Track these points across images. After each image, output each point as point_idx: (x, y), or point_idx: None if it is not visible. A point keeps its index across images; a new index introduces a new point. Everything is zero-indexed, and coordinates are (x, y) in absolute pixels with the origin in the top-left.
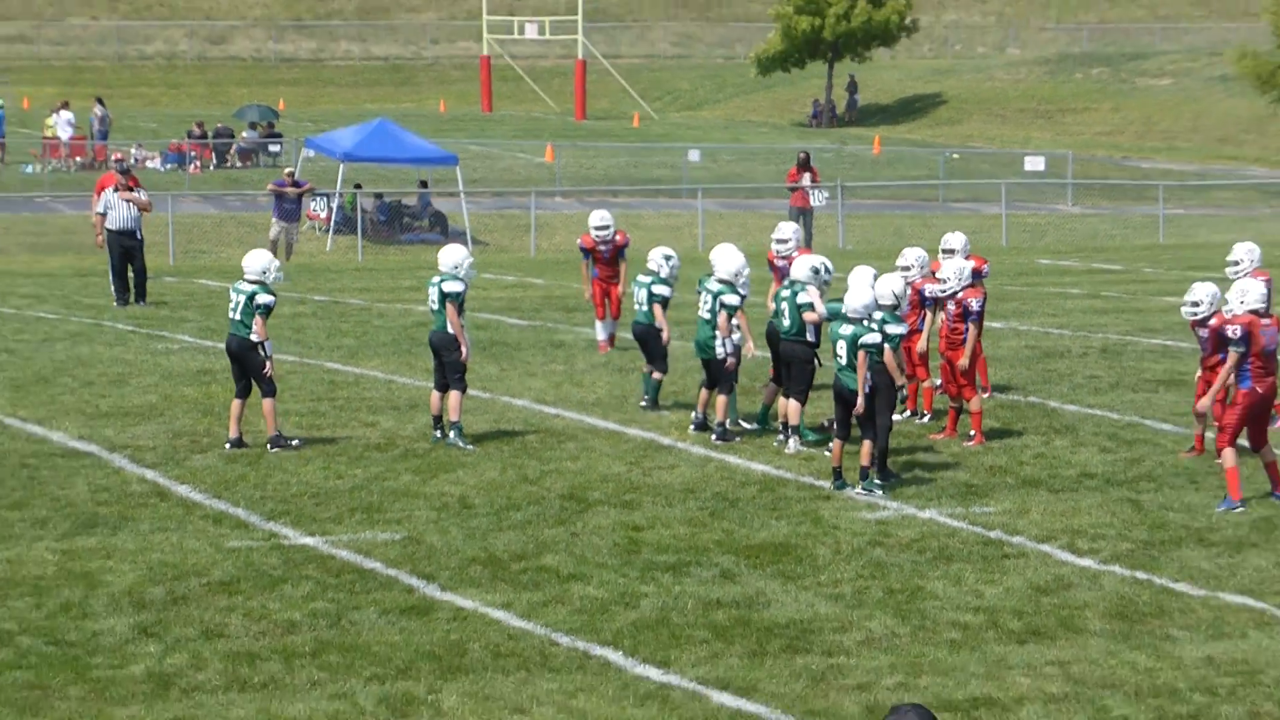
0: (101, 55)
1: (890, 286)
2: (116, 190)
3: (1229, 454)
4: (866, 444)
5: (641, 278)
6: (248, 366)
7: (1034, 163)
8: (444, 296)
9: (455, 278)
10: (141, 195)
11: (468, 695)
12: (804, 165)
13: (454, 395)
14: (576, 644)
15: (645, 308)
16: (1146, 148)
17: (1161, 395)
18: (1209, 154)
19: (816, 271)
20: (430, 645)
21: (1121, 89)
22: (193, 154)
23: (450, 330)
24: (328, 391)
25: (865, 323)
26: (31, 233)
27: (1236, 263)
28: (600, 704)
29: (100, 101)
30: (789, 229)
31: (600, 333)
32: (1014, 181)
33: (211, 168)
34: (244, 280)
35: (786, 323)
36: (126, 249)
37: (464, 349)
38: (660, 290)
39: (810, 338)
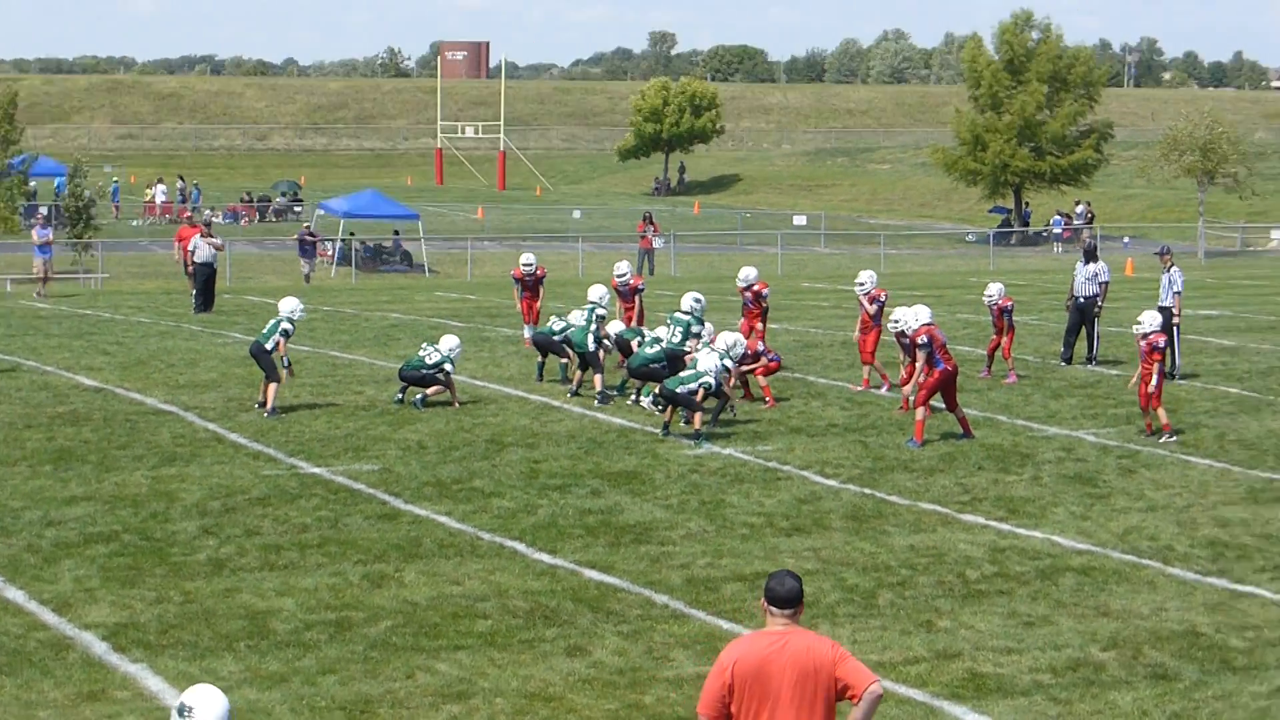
0: (185, 148)
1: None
2: (202, 236)
3: (920, 411)
4: (697, 416)
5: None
6: (261, 362)
7: (799, 220)
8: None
9: (289, 320)
10: (217, 240)
11: (422, 573)
12: (649, 220)
13: (434, 386)
14: (495, 538)
15: (556, 326)
16: (873, 210)
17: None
18: (913, 214)
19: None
20: (397, 540)
21: (857, 171)
22: (243, 213)
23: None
24: (331, 371)
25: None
26: (135, 265)
27: (862, 284)
28: (510, 578)
29: (181, 178)
30: (624, 265)
31: (526, 333)
32: (786, 232)
33: (256, 222)
34: (280, 315)
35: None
36: (206, 275)
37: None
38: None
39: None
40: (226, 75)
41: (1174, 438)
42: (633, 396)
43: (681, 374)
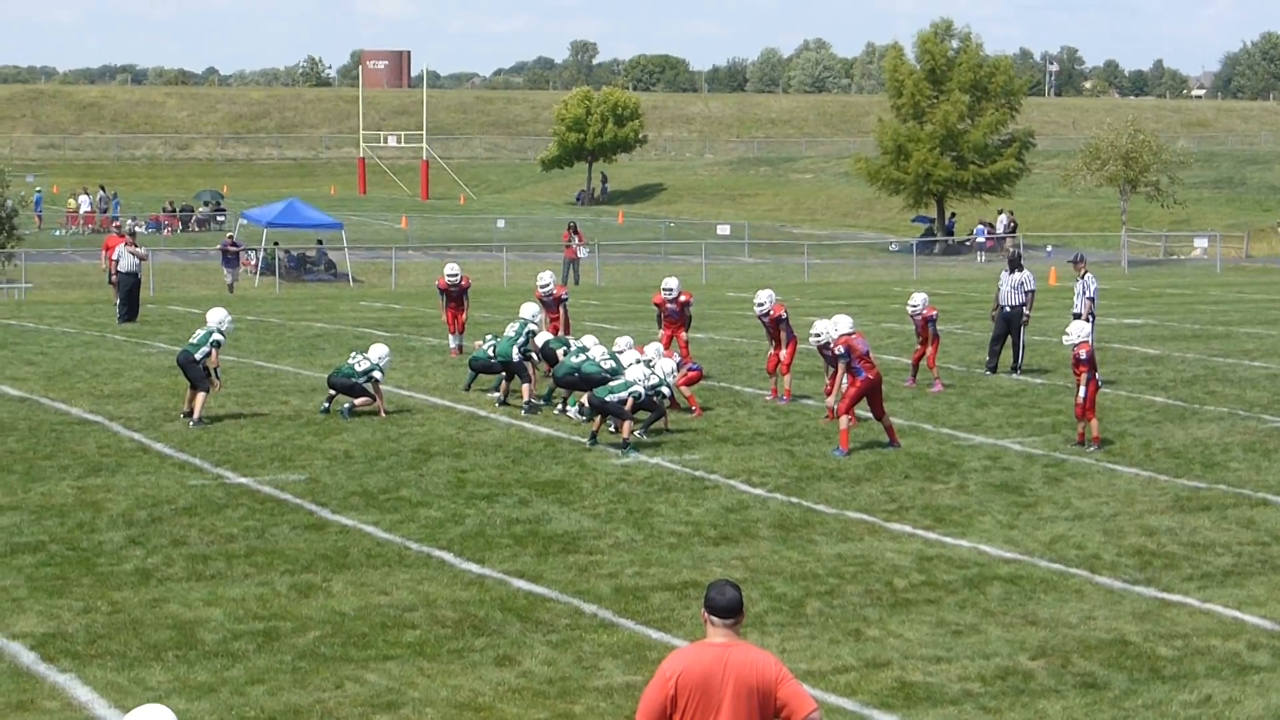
0: (106, 157)
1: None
2: (126, 245)
3: (844, 419)
4: (626, 424)
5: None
6: (189, 372)
7: (723, 229)
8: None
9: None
10: (141, 250)
11: (349, 583)
12: (573, 230)
13: (362, 398)
14: (422, 548)
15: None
16: (796, 219)
17: (807, 382)
18: (836, 224)
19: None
20: (324, 550)
21: (780, 181)
22: (165, 223)
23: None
24: (256, 380)
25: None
26: (58, 275)
27: (761, 304)
28: (438, 588)
29: (103, 188)
30: (547, 275)
31: (451, 343)
32: (710, 241)
33: (179, 232)
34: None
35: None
36: (130, 285)
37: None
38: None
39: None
40: (148, 85)
41: (1100, 448)
42: (559, 406)
43: (611, 383)
